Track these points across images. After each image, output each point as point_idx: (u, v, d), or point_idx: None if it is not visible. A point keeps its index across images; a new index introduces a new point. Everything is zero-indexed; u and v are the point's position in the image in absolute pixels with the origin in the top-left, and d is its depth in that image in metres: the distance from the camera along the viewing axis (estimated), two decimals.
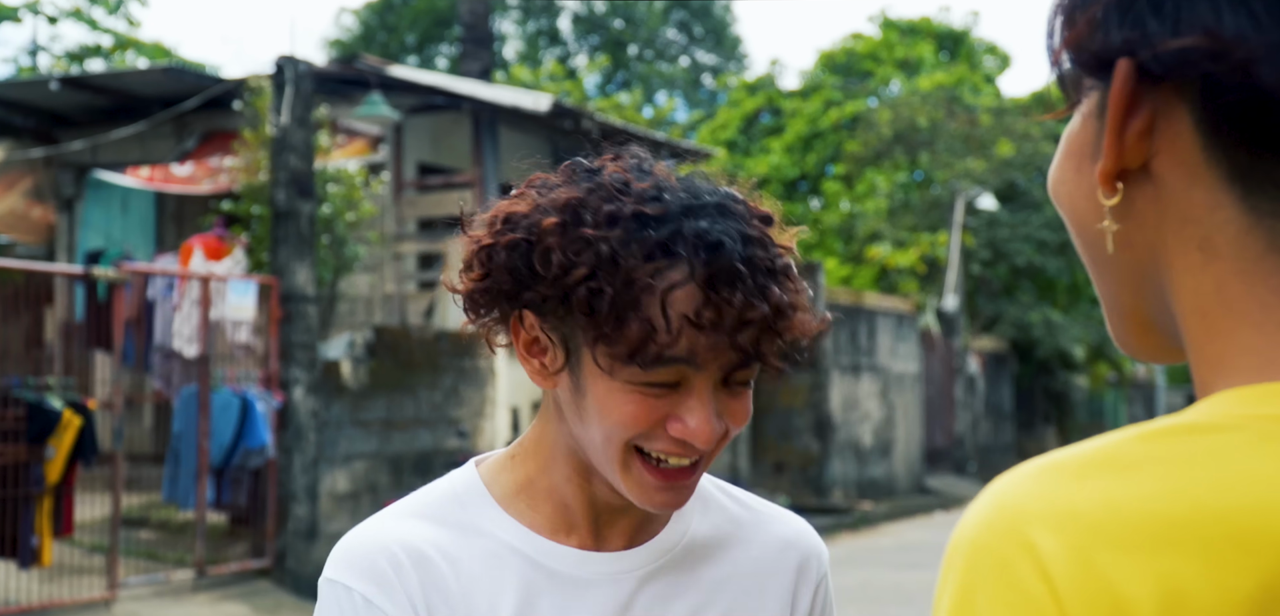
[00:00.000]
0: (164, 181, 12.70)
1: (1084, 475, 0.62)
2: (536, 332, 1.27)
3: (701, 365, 1.21)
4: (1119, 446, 0.63)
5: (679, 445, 1.24)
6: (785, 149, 28.50)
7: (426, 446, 11.56)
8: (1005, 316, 24.69)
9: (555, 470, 1.33)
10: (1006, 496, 0.64)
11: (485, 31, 22.05)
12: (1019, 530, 0.61)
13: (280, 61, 10.37)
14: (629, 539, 1.34)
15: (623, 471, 1.25)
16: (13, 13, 21.25)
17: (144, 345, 10.55)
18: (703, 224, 1.21)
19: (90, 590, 8.85)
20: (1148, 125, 0.69)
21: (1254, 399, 0.64)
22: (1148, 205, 0.70)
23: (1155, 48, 0.67)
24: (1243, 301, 0.67)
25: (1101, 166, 0.71)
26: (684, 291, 1.19)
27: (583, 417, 1.26)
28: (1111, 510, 0.60)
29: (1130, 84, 0.68)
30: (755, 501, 1.47)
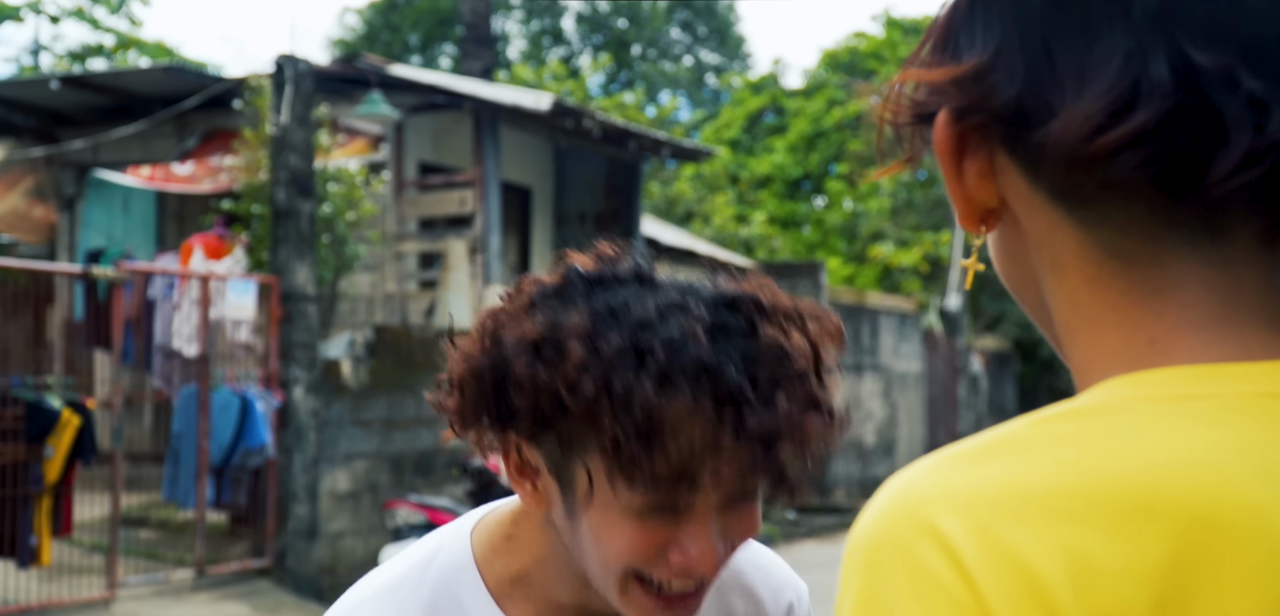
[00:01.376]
0: (165, 181, 12.68)
1: (980, 460, 0.63)
2: (531, 458, 1.20)
3: (702, 490, 1.14)
4: (1012, 432, 0.64)
5: (680, 572, 1.17)
6: (788, 148, 28.47)
7: (427, 446, 11.53)
8: (1008, 315, 24.65)
9: (553, 575, 1.27)
10: (903, 490, 0.64)
11: (487, 31, 22.03)
12: (920, 517, 0.61)
13: (280, 60, 10.35)
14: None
15: (621, 596, 1.19)
16: (15, 12, 21.25)
17: (144, 344, 10.53)
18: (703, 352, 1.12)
19: (90, 589, 8.83)
20: (985, 165, 0.71)
21: (1135, 383, 0.65)
22: (1016, 239, 0.73)
23: (967, 99, 0.70)
24: (1095, 308, 0.69)
25: (957, 212, 0.73)
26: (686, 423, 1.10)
27: (578, 542, 1.20)
28: (1011, 488, 0.61)
29: (949, 129, 0.71)
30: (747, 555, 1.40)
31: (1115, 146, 0.64)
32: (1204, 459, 0.60)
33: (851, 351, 18.59)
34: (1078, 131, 0.64)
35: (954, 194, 0.72)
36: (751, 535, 1.21)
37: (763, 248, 22.11)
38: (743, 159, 28.27)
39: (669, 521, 1.15)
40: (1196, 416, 0.62)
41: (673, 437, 1.10)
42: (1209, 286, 0.67)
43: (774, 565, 1.42)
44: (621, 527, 1.15)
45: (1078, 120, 0.64)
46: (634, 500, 1.14)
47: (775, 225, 25.33)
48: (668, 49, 36.97)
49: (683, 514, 1.15)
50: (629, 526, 1.15)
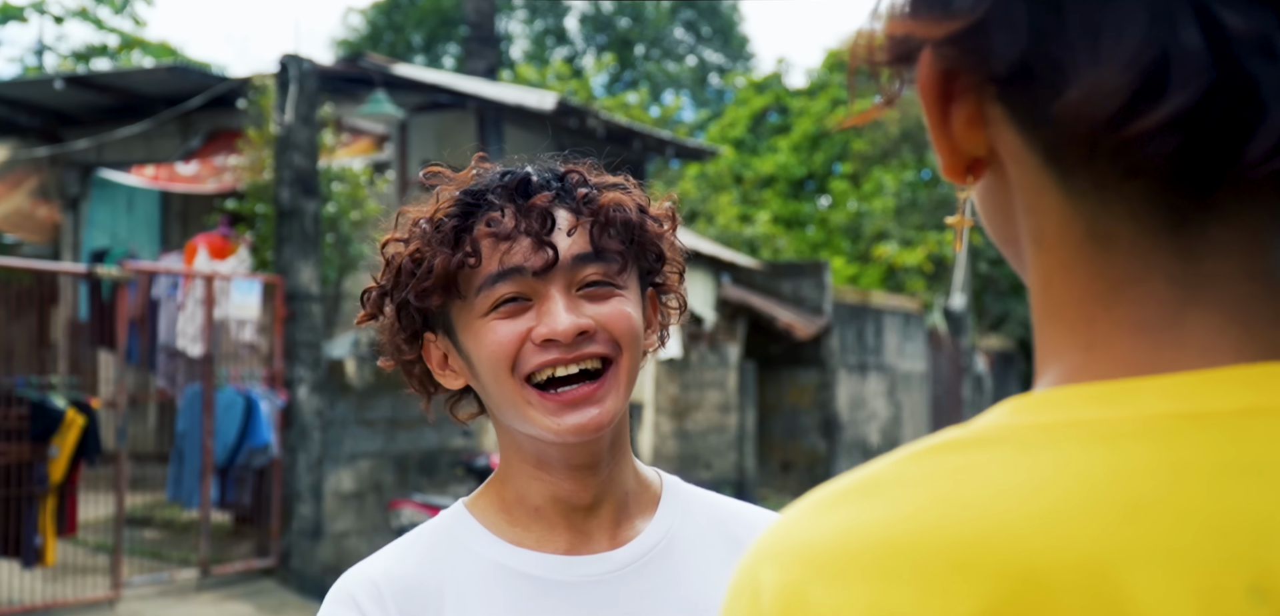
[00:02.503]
0: (169, 180, 12.68)
1: (837, 505, 0.59)
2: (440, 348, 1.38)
3: (527, 269, 1.29)
4: (885, 469, 0.59)
5: (549, 348, 1.28)
6: (792, 148, 28.46)
7: (431, 445, 11.53)
8: (1013, 315, 24.62)
9: (516, 473, 1.37)
10: (761, 538, 0.60)
11: (491, 30, 22.03)
12: (754, 573, 0.59)
13: (285, 60, 10.35)
14: (611, 539, 1.35)
15: (527, 409, 1.30)
16: (19, 12, 21.26)
17: (148, 344, 10.53)
18: (507, 171, 1.36)
19: (94, 590, 8.83)
20: (974, 112, 0.62)
21: (1034, 406, 0.59)
22: (1004, 193, 0.64)
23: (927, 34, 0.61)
24: (1062, 296, 0.62)
25: (940, 162, 0.65)
26: (485, 217, 1.31)
27: (481, 385, 1.35)
28: (837, 541, 0.57)
29: (934, 71, 0.62)
30: (744, 507, 1.48)
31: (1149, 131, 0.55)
32: (1051, 505, 0.54)
33: (856, 351, 18.57)
34: (1102, 108, 0.56)
35: (938, 142, 0.64)
36: (625, 327, 1.31)
37: (767, 247, 22.09)
38: (747, 158, 28.25)
39: (523, 309, 1.30)
40: (1076, 446, 0.56)
41: (486, 228, 1.30)
42: (1172, 280, 0.59)
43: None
44: (488, 331, 1.31)
45: (1101, 94, 0.56)
46: (483, 303, 1.30)
47: (779, 225, 25.32)
48: (671, 49, 36.95)
49: (534, 301, 1.30)
50: (492, 325, 1.30)
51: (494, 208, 1.31)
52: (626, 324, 1.30)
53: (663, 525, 1.38)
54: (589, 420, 1.28)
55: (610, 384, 1.30)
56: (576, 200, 1.32)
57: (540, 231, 1.29)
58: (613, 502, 1.35)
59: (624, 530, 1.36)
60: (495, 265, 1.30)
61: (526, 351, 1.29)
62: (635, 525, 1.37)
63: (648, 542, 1.36)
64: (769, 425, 17.75)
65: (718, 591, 1.35)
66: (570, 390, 1.29)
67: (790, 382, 17.87)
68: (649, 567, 1.35)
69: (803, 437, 17.88)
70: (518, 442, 1.35)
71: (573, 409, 1.28)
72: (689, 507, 1.42)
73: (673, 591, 1.35)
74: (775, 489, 17.00)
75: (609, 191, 1.34)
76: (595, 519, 1.34)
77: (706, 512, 1.42)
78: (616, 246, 1.32)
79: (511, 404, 1.31)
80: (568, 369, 1.29)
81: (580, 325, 1.28)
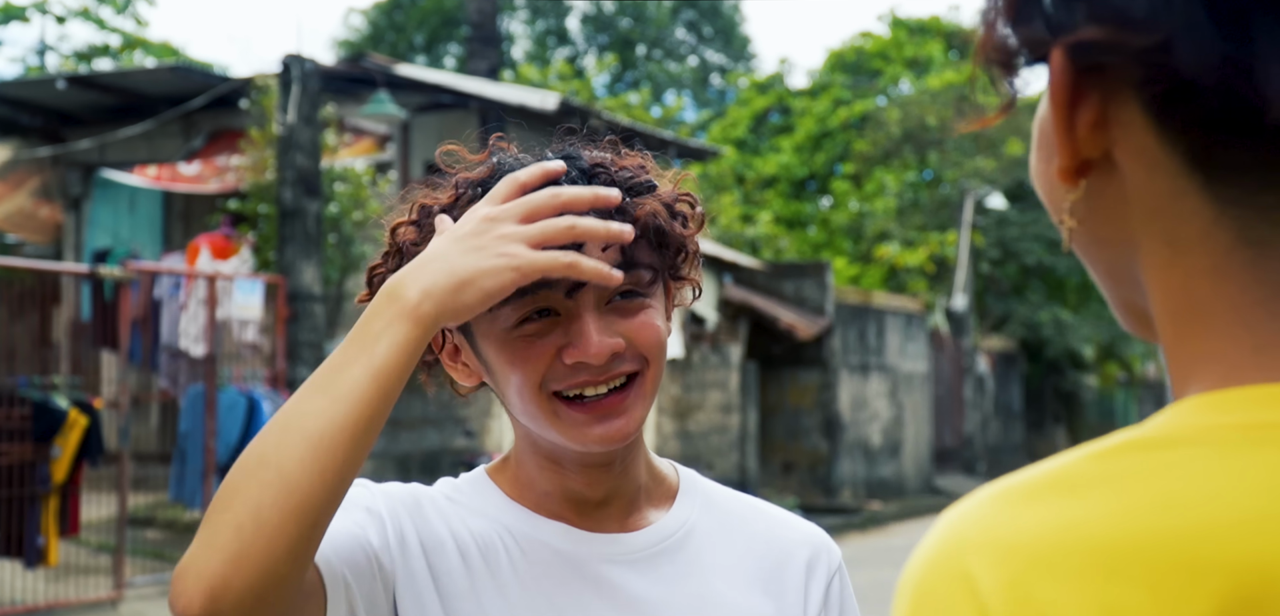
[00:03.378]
0: (171, 180, 12.69)
1: (1031, 500, 0.59)
2: (449, 340, 1.34)
3: (559, 285, 1.23)
4: (1072, 467, 0.60)
5: (579, 371, 1.25)
6: (794, 148, 28.45)
7: (433, 445, 11.53)
8: (1015, 316, 24.61)
9: (528, 462, 1.36)
10: (952, 527, 0.61)
11: (493, 31, 22.03)
12: (960, 562, 0.58)
13: (287, 60, 10.36)
14: (620, 526, 1.35)
15: (552, 420, 1.27)
16: (21, 12, 21.27)
17: (151, 344, 10.53)
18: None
19: (96, 590, 8.83)
20: (1099, 114, 0.64)
21: (1216, 406, 0.60)
22: (1115, 197, 0.66)
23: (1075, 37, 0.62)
24: (1210, 302, 0.63)
25: (1058, 163, 0.66)
26: None
27: (504, 394, 1.30)
28: (1053, 537, 0.57)
29: (1067, 74, 0.64)
30: (765, 505, 1.47)
31: None
32: (1272, 505, 0.55)
33: (857, 351, 18.57)
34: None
35: (1060, 142, 0.65)
36: (652, 340, 1.28)
37: (768, 247, 22.09)
38: (748, 159, 28.25)
39: (552, 325, 1.25)
40: (1275, 449, 0.57)
41: None
42: None
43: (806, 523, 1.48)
44: (515, 348, 1.25)
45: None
46: (509, 317, 1.24)
47: (781, 225, 25.32)
48: (673, 49, 36.95)
49: (563, 317, 1.25)
50: (519, 343, 1.25)
51: None
52: (655, 336, 1.28)
53: (680, 516, 1.37)
54: (615, 430, 1.27)
55: (636, 394, 1.28)
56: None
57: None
58: (623, 498, 1.35)
59: (634, 519, 1.35)
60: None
61: (557, 369, 1.25)
62: (648, 514, 1.36)
63: (664, 531, 1.35)
64: (771, 425, 17.75)
65: (737, 586, 1.36)
66: (598, 402, 1.26)
67: (792, 383, 17.87)
68: (664, 556, 1.34)
69: (804, 438, 17.87)
70: (531, 437, 1.33)
71: (600, 421, 1.26)
72: (707, 503, 1.41)
73: (689, 582, 1.34)
74: (777, 489, 16.99)
75: (643, 199, 1.27)
76: (605, 508, 1.34)
77: (725, 509, 1.42)
78: (649, 259, 1.27)
79: (536, 416, 1.27)
80: (598, 390, 1.26)
81: (613, 348, 1.24)
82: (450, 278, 1.15)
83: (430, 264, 1.16)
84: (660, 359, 1.30)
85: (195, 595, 1.07)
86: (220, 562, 1.07)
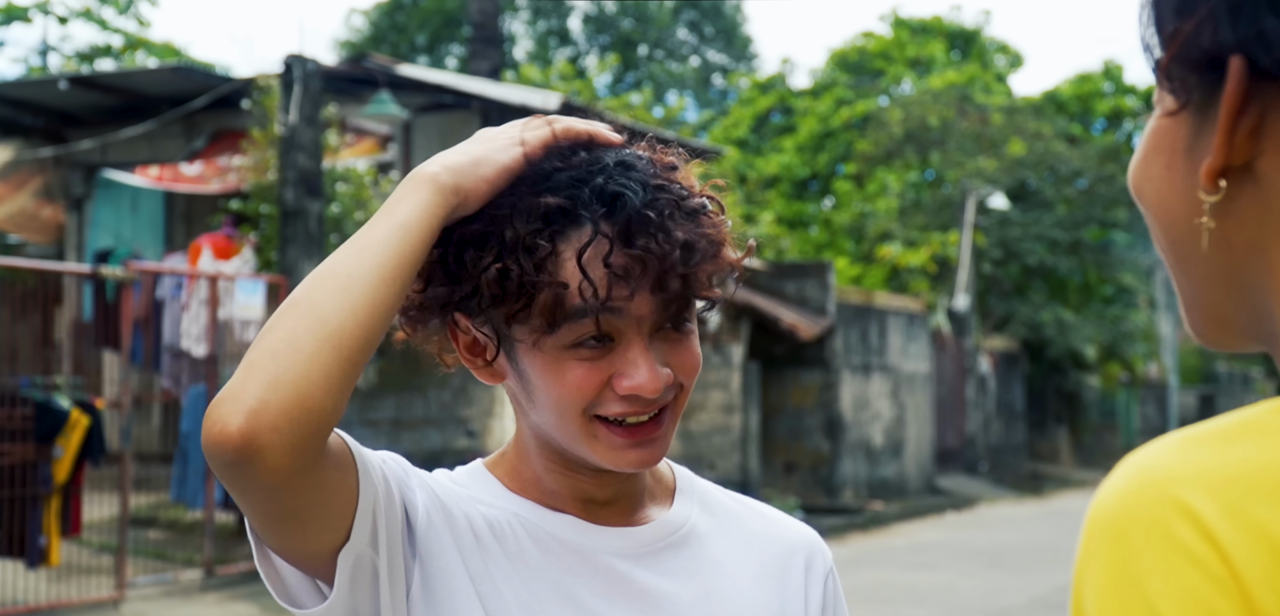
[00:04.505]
0: (173, 181, 12.70)
1: (1226, 441, 0.64)
2: (472, 333, 1.30)
3: (625, 314, 1.22)
4: (1254, 416, 0.65)
5: (631, 402, 1.24)
6: (796, 148, 28.45)
7: (435, 446, 11.53)
8: (1017, 316, 24.60)
9: (534, 461, 1.34)
10: (1147, 467, 0.65)
11: (495, 31, 22.03)
12: (1173, 495, 0.63)
13: (289, 60, 10.35)
14: (624, 522, 1.35)
15: (589, 441, 1.26)
16: (23, 13, 21.28)
17: (153, 344, 10.53)
18: (600, 181, 1.23)
19: (98, 590, 8.83)
20: (1257, 124, 0.69)
21: None
22: (1249, 204, 0.71)
23: (1273, 48, 0.67)
24: None
25: (1209, 164, 0.70)
26: (590, 248, 1.20)
27: (535, 403, 1.28)
28: (1261, 469, 0.62)
29: (1244, 82, 0.68)
30: (759, 505, 1.47)
31: None
32: None
33: (859, 352, 18.56)
34: None
35: (1220, 146, 0.70)
36: (693, 367, 1.28)
37: (770, 248, 22.09)
38: (750, 159, 28.25)
39: (604, 352, 1.23)
40: None
41: (571, 264, 1.20)
42: None
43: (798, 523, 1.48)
44: (563, 368, 1.23)
45: None
46: (565, 337, 1.22)
47: (783, 225, 25.31)
48: (675, 49, 36.95)
49: (616, 343, 1.23)
50: (569, 364, 1.23)
51: (595, 237, 1.20)
52: (696, 362, 1.28)
53: (681, 513, 1.38)
54: (651, 455, 1.27)
55: (671, 419, 1.29)
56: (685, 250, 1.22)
57: (643, 280, 1.20)
58: (629, 497, 1.35)
59: (638, 515, 1.35)
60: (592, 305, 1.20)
61: (605, 396, 1.24)
62: (650, 511, 1.36)
63: (667, 527, 1.35)
64: (772, 426, 17.74)
65: (739, 582, 1.36)
66: (639, 428, 1.26)
67: (794, 383, 17.86)
68: (670, 551, 1.34)
69: (806, 438, 17.86)
70: (543, 437, 1.32)
71: (637, 446, 1.26)
72: (705, 501, 1.41)
73: (696, 576, 1.34)
74: (779, 490, 16.98)
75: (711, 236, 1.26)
76: (610, 506, 1.34)
77: (722, 506, 1.42)
78: (709, 293, 1.27)
79: (570, 434, 1.26)
80: (641, 418, 1.25)
81: (667, 380, 1.24)
82: (467, 157, 1.23)
83: (452, 150, 1.25)
84: (693, 380, 1.30)
85: (233, 415, 1.08)
86: (257, 385, 1.09)
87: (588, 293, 1.20)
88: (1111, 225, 26.05)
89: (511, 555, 1.30)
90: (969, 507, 19.15)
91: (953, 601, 10.83)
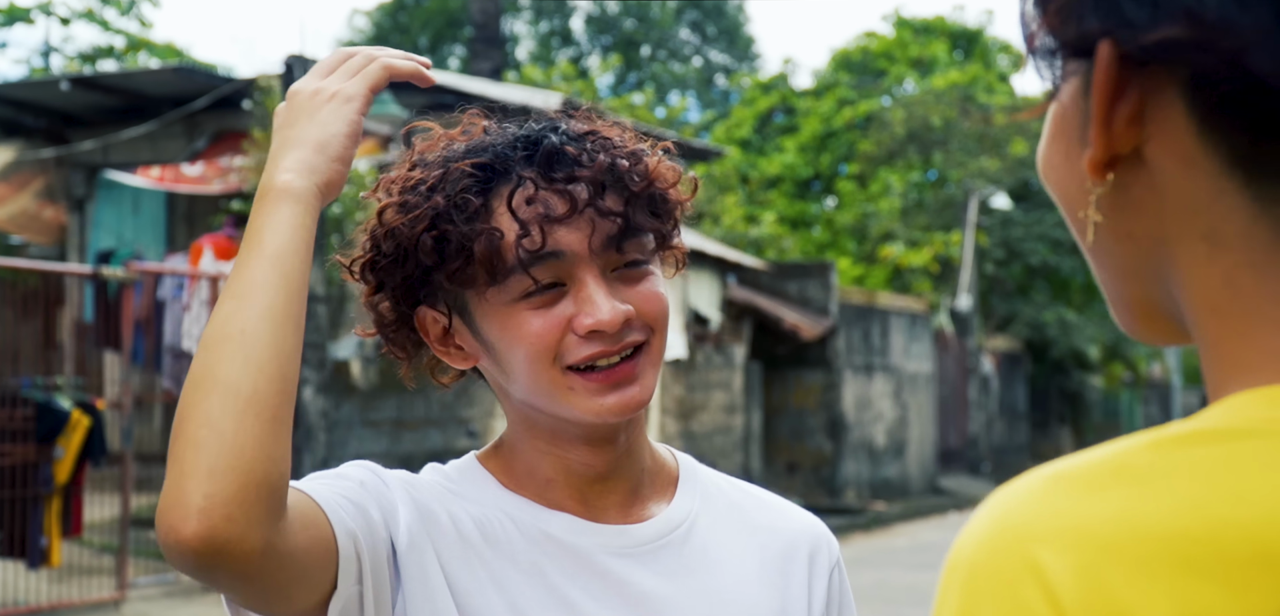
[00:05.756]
0: (175, 181, 12.69)
1: (1093, 488, 0.58)
2: (440, 322, 1.29)
3: (566, 254, 1.22)
4: (1129, 456, 0.59)
5: (594, 340, 1.23)
6: (799, 148, 28.43)
7: (437, 446, 11.52)
8: (1019, 316, 24.58)
9: (527, 448, 1.32)
10: (1009, 511, 0.59)
11: (496, 32, 22.03)
12: (1023, 548, 0.57)
13: (290, 61, 10.36)
14: (623, 515, 1.32)
15: (567, 395, 1.24)
16: (25, 13, 21.29)
17: (154, 345, 10.53)
18: (524, 134, 1.26)
19: (99, 590, 8.83)
20: (1137, 110, 0.64)
21: (1272, 401, 0.60)
22: (1145, 193, 0.65)
23: (1136, 36, 0.62)
24: (1255, 296, 0.63)
25: (1089, 155, 0.66)
26: (517, 191, 1.21)
27: (506, 371, 1.27)
28: (1123, 527, 0.56)
29: (1114, 68, 0.63)
30: (763, 494, 1.44)
31: None
32: None
33: (862, 352, 18.55)
34: None
35: (1097, 135, 0.65)
36: (657, 308, 1.27)
37: (773, 247, 22.07)
38: (753, 159, 28.23)
39: (558, 297, 1.23)
40: None
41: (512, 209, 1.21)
42: None
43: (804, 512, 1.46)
44: (520, 322, 1.23)
45: None
46: (513, 288, 1.22)
47: (785, 225, 25.29)
48: (677, 49, 36.95)
49: (569, 287, 1.23)
50: (525, 316, 1.23)
51: (521, 181, 1.22)
52: (660, 305, 1.27)
53: (682, 508, 1.35)
54: (630, 398, 1.25)
55: (646, 362, 1.26)
56: (612, 173, 1.24)
57: (579, 212, 1.22)
58: (627, 480, 1.32)
59: (637, 509, 1.32)
60: (530, 247, 1.21)
61: (569, 342, 1.23)
62: (650, 506, 1.33)
63: (669, 522, 1.32)
64: (774, 426, 17.73)
65: (742, 580, 1.33)
66: (611, 371, 1.24)
67: (796, 383, 17.85)
68: (668, 549, 1.31)
69: (808, 438, 17.85)
70: (530, 418, 1.30)
71: (615, 389, 1.24)
72: (708, 493, 1.38)
73: (695, 576, 1.31)
74: (781, 490, 16.88)
75: (642, 164, 1.27)
76: (608, 493, 1.31)
77: (726, 498, 1.39)
78: (651, 224, 1.27)
79: (547, 391, 1.24)
80: (611, 360, 1.24)
81: (625, 314, 1.23)
82: (308, 146, 1.18)
83: (281, 151, 1.19)
84: (665, 328, 1.28)
85: (183, 522, 1.04)
86: (197, 482, 1.05)
87: (521, 236, 1.20)
88: None
89: (503, 556, 1.27)
90: (971, 508, 19.08)
91: None
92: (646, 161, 1.28)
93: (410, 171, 1.30)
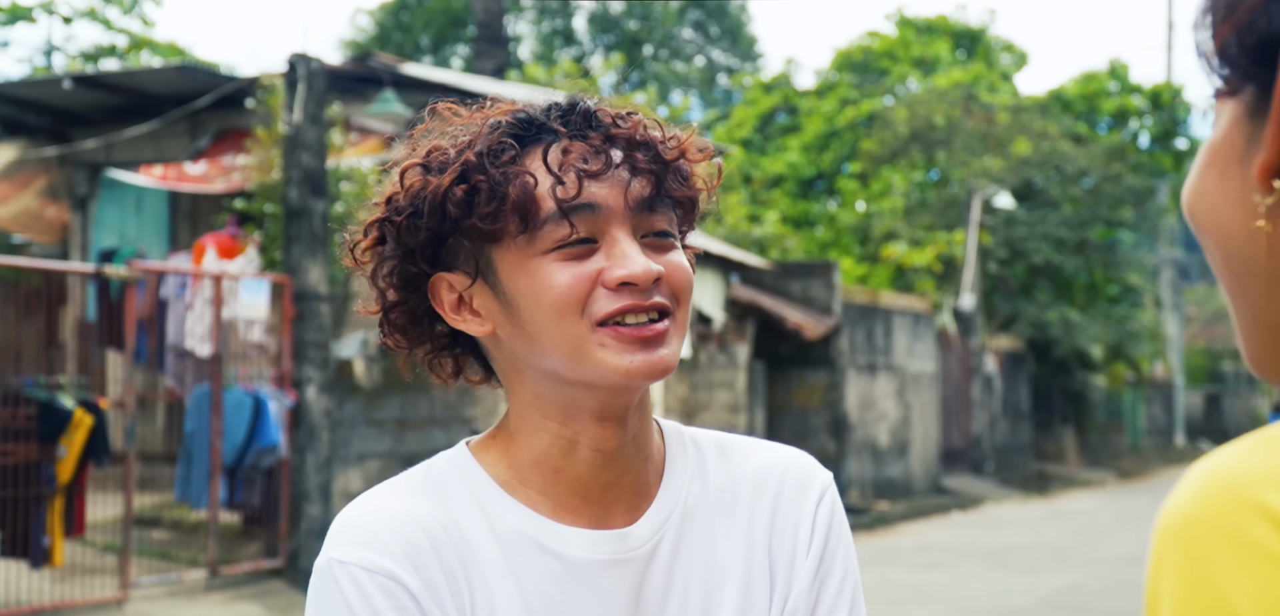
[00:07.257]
0: (177, 180, 12.69)
1: None
2: (457, 289, 1.27)
3: (599, 208, 1.22)
4: None
5: (624, 293, 1.22)
6: (801, 148, 28.41)
7: (440, 445, 11.47)
8: (1023, 315, 24.55)
9: (533, 429, 1.28)
10: (1223, 469, 0.63)
11: (499, 31, 22.03)
12: (1249, 493, 0.61)
13: (293, 59, 10.34)
14: (630, 511, 1.29)
15: (595, 350, 1.22)
16: (27, 12, 21.29)
17: (157, 344, 10.52)
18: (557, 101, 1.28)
19: (102, 590, 8.82)
20: None
21: None
22: None
23: None
24: None
25: (1262, 159, 0.67)
26: (553, 146, 1.23)
27: (529, 330, 1.24)
28: None
29: None
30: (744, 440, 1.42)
31: None
32: None
33: (865, 351, 18.53)
34: None
35: (1273, 137, 0.66)
36: (684, 280, 1.27)
37: (775, 247, 22.05)
38: (755, 158, 28.21)
39: (589, 251, 1.23)
40: None
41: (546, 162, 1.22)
42: None
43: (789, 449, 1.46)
44: (550, 273, 1.22)
45: None
46: (545, 239, 1.22)
47: (788, 225, 25.27)
48: (679, 49, 36.94)
49: (600, 243, 1.23)
50: (554, 267, 1.22)
51: (557, 135, 1.24)
52: (686, 277, 1.27)
53: (675, 490, 1.32)
54: (658, 361, 1.23)
55: (674, 330, 1.26)
56: (646, 143, 1.26)
57: (614, 168, 1.23)
58: (635, 467, 1.29)
59: (640, 498, 1.30)
60: (565, 196, 1.21)
61: (598, 295, 1.22)
62: (648, 491, 1.31)
63: (664, 511, 1.31)
64: (778, 425, 17.71)
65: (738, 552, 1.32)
66: (640, 329, 1.23)
67: (799, 383, 17.83)
68: (668, 540, 1.30)
69: (812, 438, 17.83)
70: (542, 394, 1.26)
71: (644, 348, 1.23)
72: (701, 460, 1.36)
73: (698, 561, 1.30)
74: None
75: (674, 136, 1.30)
76: (617, 480, 1.28)
77: (720, 459, 1.37)
78: (682, 191, 1.28)
79: (572, 347, 1.22)
80: (638, 318, 1.23)
81: (656, 270, 1.23)
82: None
83: None
84: (689, 302, 1.28)
85: None
86: None
87: (557, 188, 1.21)
88: (1117, 224, 26.00)
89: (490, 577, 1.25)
90: (975, 507, 19.11)
91: (959, 602, 10.80)
92: (678, 134, 1.30)
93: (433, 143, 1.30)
